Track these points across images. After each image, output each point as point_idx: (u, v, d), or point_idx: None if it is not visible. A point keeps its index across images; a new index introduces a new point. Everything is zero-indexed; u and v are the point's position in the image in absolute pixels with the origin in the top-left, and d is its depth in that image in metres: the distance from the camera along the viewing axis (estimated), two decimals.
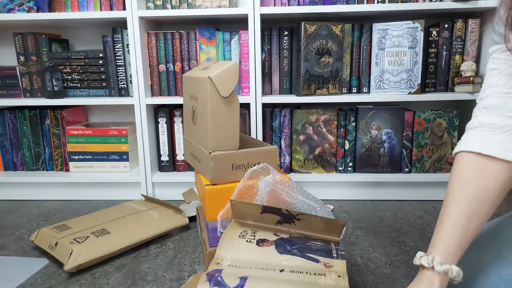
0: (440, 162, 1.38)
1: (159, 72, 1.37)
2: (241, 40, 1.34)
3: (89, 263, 0.94)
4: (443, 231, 0.55)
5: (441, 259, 0.53)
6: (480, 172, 0.55)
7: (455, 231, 0.54)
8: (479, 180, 0.55)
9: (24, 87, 1.44)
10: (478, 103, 0.60)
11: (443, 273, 0.53)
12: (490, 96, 0.58)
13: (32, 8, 1.35)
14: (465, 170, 0.57)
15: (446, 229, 0.55)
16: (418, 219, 1.23)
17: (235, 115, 0.88)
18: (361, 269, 0.93)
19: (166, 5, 1.33)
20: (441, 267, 0.52)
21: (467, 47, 1.34)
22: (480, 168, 0.55)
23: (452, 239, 0.54)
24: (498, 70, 0.57)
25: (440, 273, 0.53)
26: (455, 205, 0.55)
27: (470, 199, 0.55)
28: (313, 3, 1.31)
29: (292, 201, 0.85)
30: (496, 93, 0.57)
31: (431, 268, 0.53)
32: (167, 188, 1.44)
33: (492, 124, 0.56)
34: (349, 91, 1.40)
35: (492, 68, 0.58)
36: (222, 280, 0.62)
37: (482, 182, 0.55)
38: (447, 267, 0.52)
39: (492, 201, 0.55)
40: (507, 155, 0.54)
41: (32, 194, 1.47)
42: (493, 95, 0.57)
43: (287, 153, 1.41)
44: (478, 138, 0.57)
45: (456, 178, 0.57)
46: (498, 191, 0.55)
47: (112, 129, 1.44)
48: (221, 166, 0.88)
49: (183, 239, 1.11)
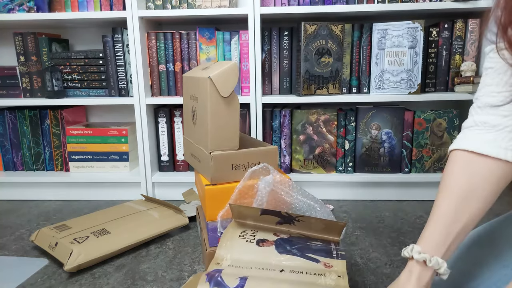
0: (440, 162, 1.38)
1: (159, 72, 1.37)
2: (241, 40, 1.34)
3: (89, 263, 0.94)
4: (428, 225, 0.57)
5: (420, 249, 0.55)
6: (471, 169, 0.56)
7: (439, 226, 0.55)
8: (469, 177, 0.56)
9: (24, 87, 1.44)
10: (474, 102, 0.61)
11: (423, 263, 0.54)
12: (485, 95, 0.58)
13: (32, 8, 1.35)
14: (456, 167, 0.58)
15: (431, 224, 0.56)
16: (418, 219, 1.23)
17: (235, 115, 0.88)
18: (361, 269, 0.93)
19: (166, 5, 1.33)
20: (419, 256, 0.54)
21: (467, 47, 1.34)
22: (471, 166, 0.56)
23: (435, 233, 0.55)
24: (493, 69, 0.58)
25: (420, 262, 0.54)
26: (443, 201, 0.57)
27: (458, 196, 0.55)
28: (313, 3, 1.31)
29: (292, 201, 0.85)
30: (490, 92, 0.57)
31: (411, 257, 0.55)
32: (167, 188, 1.44)
33: (485, 123, 0.57)
34: (349, 91, 1.40)
35: (488, 67, 0.59)
36: (222, 280, 0.62)
37: (472, 179, 0.55)
38: (426, 256, 0.53)
39: (483, 199, 0.55)
40: (499, 153, 0.54)
41: (32, 194, 1.47)
42: (487, 94, 0.58)
43: (287, 153, 1.41)
44: (472, 136, 0.58)
45: (447, 175, 0.58)
46: (490, 189, 0.55)
47: (112, 129, 1.44)
48: (221, 166, 0.88)
49: (183, 239, 1.11)
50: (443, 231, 0.54)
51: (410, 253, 0.55)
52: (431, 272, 0.54)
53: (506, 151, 0.54)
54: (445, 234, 0.54)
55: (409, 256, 0.56)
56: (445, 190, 0.57)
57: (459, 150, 0.58)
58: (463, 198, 0.55)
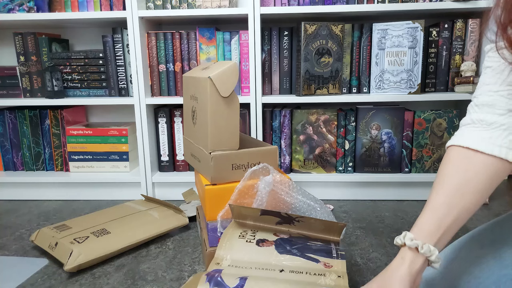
0: (440, 162, 1.38)
1: (159, 72, 1.37)
2: (241, 40, 1.34)
3: (89, 263, 0.94)
4: (421, 215, 0.57)
5: (413, 237, 0.55)
6: (466, 164, 0.57)
7: (433, 215, 0.56)
8: (464, 172, 0.57)
9: (24, 87, 1.45)
10: (472, 100, 0.62)
11: (415, 249, 0.54)
12: (483, 94, 0.59)
13: (32, 8, 1.35)
14: (452, 162, 0.59)
15: (425, 213, 0.57)
16: None
17: (235, 115, 0.88)
18: (361, 269, 0.93)
19: (166, 5, 1.33)
20: (411, 242, 0.55)
21: (467, 47, 1.34)
22: (467, 161, 0.57)
23: (428, 222, 0.56)
24: (492, 68, 0.59)
25: (412, 249, 0.55)
26: (437, 192, 0.58)
27: (452, 187, 0.57)
28: (313, 3, 1.31)
29: (292, 201, 0.85)
30: (487, 91, 0.58)
31: (403, 244, 0.56)
32: (167, 188, 1.44)
33: (482, 120, 0.58)
34: (349, 91, 1.40)
35: (487, 66, 0.60)
36: (221, 280, 0.62)
37: (467, 174, 0.56)
38: (418, 242, 0.54)
39: (476, 193, 0.56)
40: (494, 150, 0.55)
41: (32, 194, 1.47)
42: (485, 93, 0.59)
43: (287, 153, 1.41)
44: (469, 134, 0.59)
45: (443, 169, 0.60)
46: (483, 184, 0.56)
47: (112, 129, 1.44)
48: (221, 166, 0.88)
49: (183, 239, 1.11)
50: (436, 220, 0.55)
51: (402, 239, 0.56)
52: (422, 259, 0.54)
53: (500, 148, 0.55)
54: (437, 224, 0.55)
55: (401, 243, 0.56)
56: (440, 182, 0.58)
57: (455, 146, 0.60)
58: (457, 190, 0.56)
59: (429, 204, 0.57)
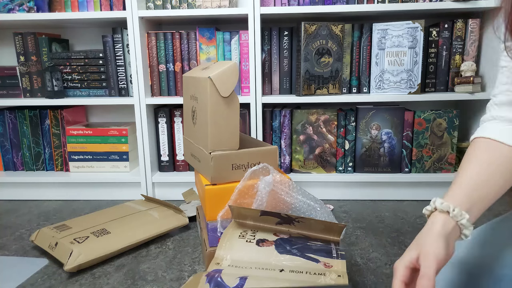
0: (440, 162, 1.38)
1: (159, 72, 1.37)
2: (241, 40, 1.34)
3: (89, 263, 0.94)
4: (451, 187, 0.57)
5: (442, 200, 0.54)
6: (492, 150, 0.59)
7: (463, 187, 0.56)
8: (490, 156, 0.58)
9: (24, 87, 1.45)
10: (491, 99, 0.64)
11: (446, 213, 0.53)
12: (501, 94, 0.61)
13: (32, 8, 1.35)
14: (478, 148, 0.60)
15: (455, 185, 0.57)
16: (418, 219, 1.23)
17: (235, 115, 0.88)
18: (361, 269, 0.93)
19: (166, 5, 1.33)
20: (442, 205, 0.53)
21: (467, 47, 1.34)
22: (491, 148, 0.59)
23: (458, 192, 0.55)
24: (507, 67, 0.60)
25: (443, 212, 0.53)
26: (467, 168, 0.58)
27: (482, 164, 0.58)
28: (313, 3, 1.31)
29: (292, 201, 0.85)
30: (505, 91, 0.60)
31: (433, 210, 0.55)
32: (167, 188, 1.44)
33: (503, 117, 0.60)
34: (349, 91, 1.40)
35: (503, 66, 0.61)
36: (221, 280, 0.62)
37: (493, 158, 0.58)
38: (449, 204, 0.53)
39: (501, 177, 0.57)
40: None
41: (32, 194, 1.47)
42: (502, 92, 0.61)
43: (287, 153, 1.41)
44: (491, 127, 0.61)
45: (470, 154, 0.61)
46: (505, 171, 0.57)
47: (112, 129, 1.44)
48: (221, 166, 0.88)
49: (183, 239, 1.11)
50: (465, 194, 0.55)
51: (432, 205, 0.55)
52: (453, 223, 0.53)
53: None
54: (467, 195, 0.55)
55: (431, 208, 0.55)
56: (468, 161, 0.59)
57: (479, 137, 0.61)
58: (485, 168, 0.57)
59: (460, 176, 0.58)
